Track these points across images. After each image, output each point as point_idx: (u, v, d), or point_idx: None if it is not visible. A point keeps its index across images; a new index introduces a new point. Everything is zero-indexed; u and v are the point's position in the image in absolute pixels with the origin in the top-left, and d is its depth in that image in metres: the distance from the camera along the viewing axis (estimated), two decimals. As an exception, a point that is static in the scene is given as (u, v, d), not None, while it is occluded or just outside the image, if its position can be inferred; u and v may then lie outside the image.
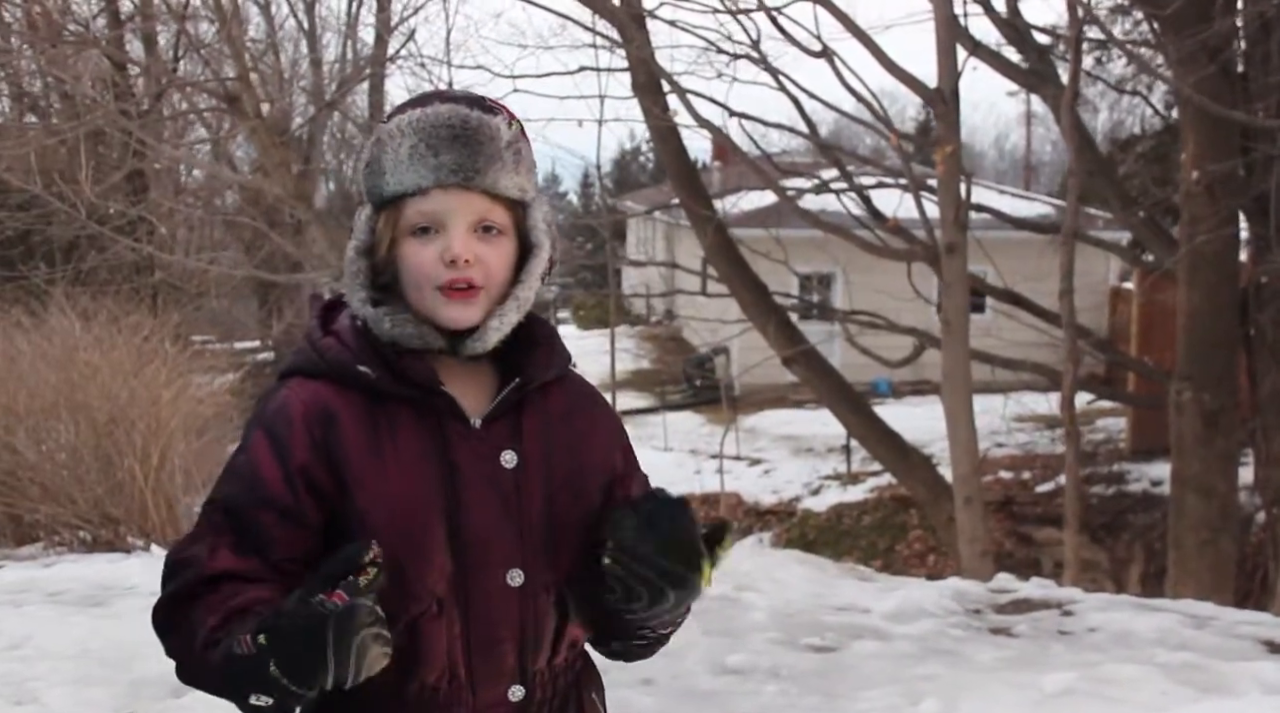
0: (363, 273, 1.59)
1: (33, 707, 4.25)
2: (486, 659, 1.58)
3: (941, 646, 5.32)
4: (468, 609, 1.56)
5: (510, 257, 1.59)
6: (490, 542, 1.56)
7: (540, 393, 1.64)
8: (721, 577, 5.66)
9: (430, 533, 1.54)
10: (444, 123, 1.55)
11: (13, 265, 13.41)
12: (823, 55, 8.53)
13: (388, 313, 1.56)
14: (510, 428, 1.61)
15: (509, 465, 1.59)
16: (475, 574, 1.56)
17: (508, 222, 1.59)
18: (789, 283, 13.72)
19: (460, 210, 1.54)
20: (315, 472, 1.53)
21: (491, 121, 1.58)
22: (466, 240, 1.54)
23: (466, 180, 1.54)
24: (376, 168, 1.57)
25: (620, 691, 4.61)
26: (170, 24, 12.52)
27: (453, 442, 1.57)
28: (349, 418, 1.55)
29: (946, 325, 8.57)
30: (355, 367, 1.56)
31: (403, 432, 1.56)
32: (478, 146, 1.55)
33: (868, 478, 15.21)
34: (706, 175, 23.01)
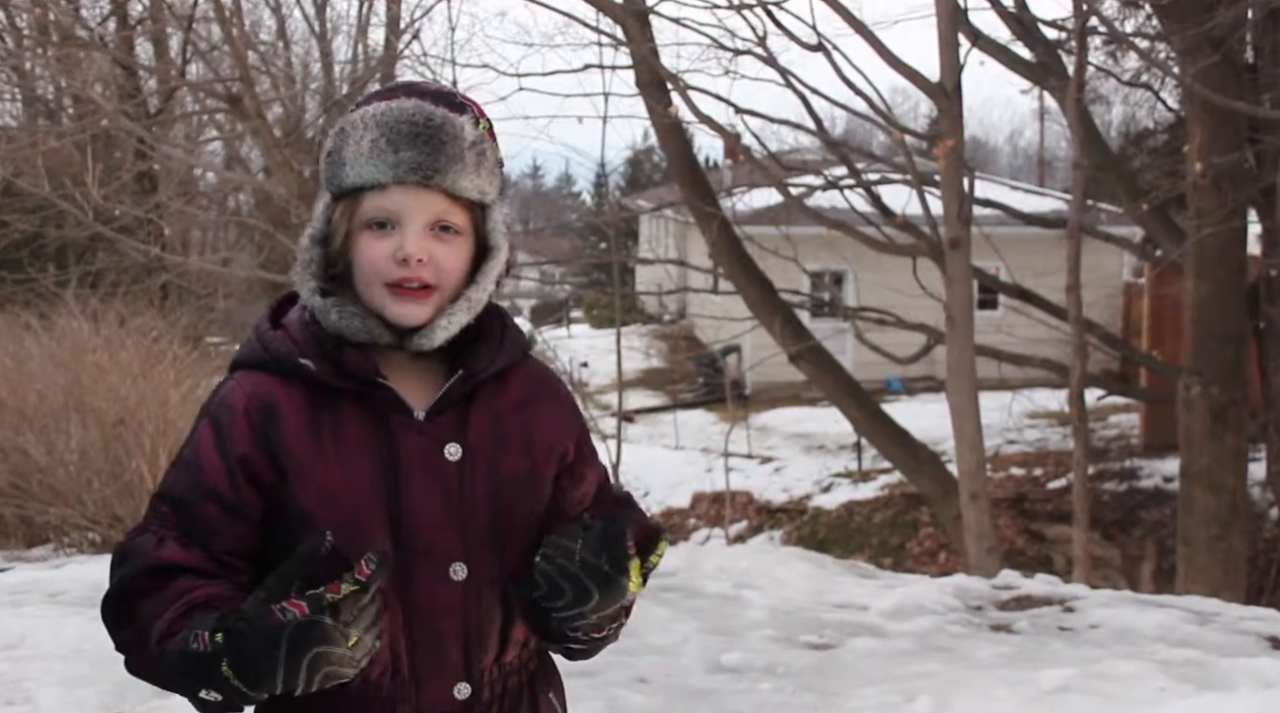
0: (315, 262, 1.58)
1: (24, 707, 4.26)
2: (429, 655, 1.56)
3: (939, 643, 5.29)
4: (410, 604, 1.55)
5: (466, 257, 1.58)
6: (432, 535, 1.55)
7: (493, 384, 1.63)
8: (717, 573, 5.63)
9: (369, 525, 1.52)
10: (407, 118, 1.54)
11: (21, 268, 13.48)
12: (819, 49, 8.49)
13: (335, 305, 1.55)
14: (456, 420, 1.59)
15: (453, 458, 1.57)
16: (417, 568, 1.54)
17: (465, 222, 1.57)
18: (801, 280, 13.68)
19: (417, 208, 1.53)
20: (255, 463, 1.53)
21: (456, 120, 1.56)
22: (421, 239, 1.53)
23: (425, 179, 1.52)
24: (337, 158, 1.56)
25: (613, 689, 4.61)
26: (179, 27, 12.56)
27: (395, 434, 1.55)
28: (290, 409, 1.54)
29: (951, 321, 8.52)
30: (297, 359, 1.55)
31: (345, 424, 1.54)
32: (440, 146, 1.53)
33: (879, 475, 15.15)
34: (718, 174, 23.00)
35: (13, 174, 11.97)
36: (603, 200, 29.04)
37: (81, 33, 13.06)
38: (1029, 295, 11.20)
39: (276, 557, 1.52)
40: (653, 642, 5.22)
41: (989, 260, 12.23)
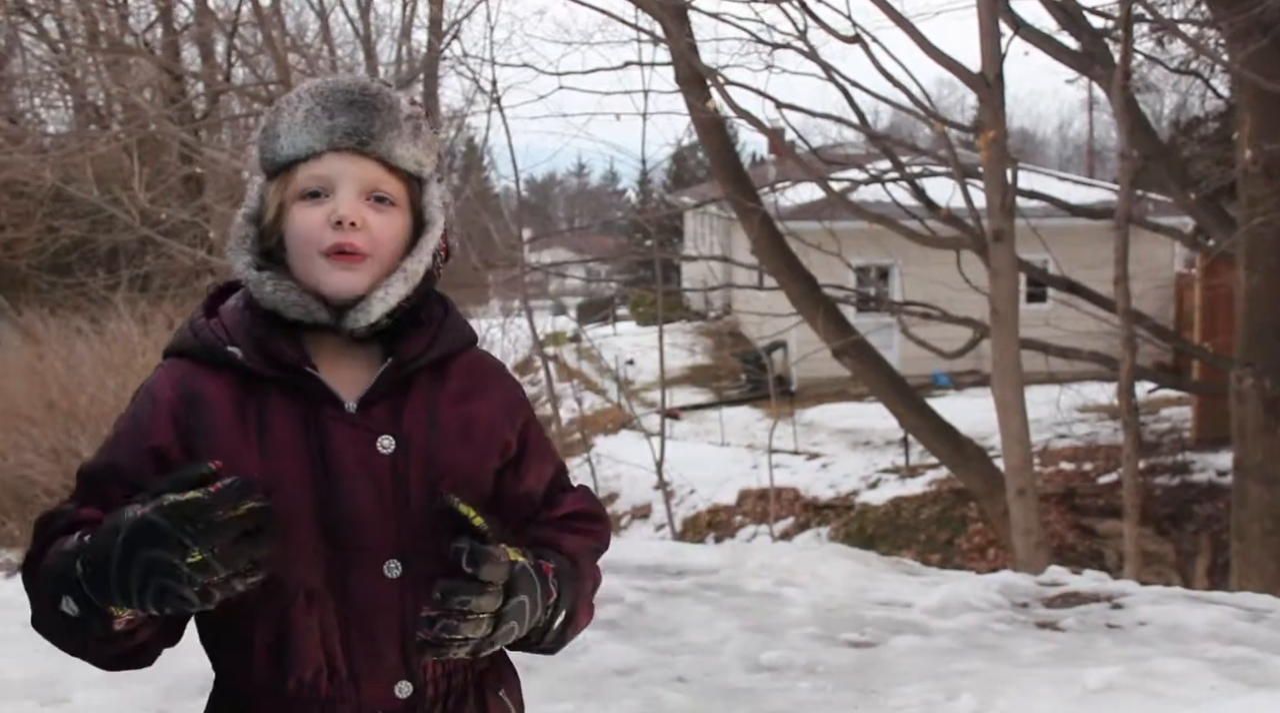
0: (249, 239, 1.54)
1: (63, 707, 4.30)
2: (367, 654, 1.51)
3: (983, 640, 5.22)
4: (344, 602, 1.50)
5: (401, 230, 1.54)
6: (365, 531, 1.49)
7: (431, 374, 1.58)
8: (760, 570, 5.57)
9: (297, 520, 1.47)
10: (343, 88, 1.52)
11: (71, 272, 13.67)
12: (856, 41, 8.40)
13: (270, 277, 1.50)
14: (390, 412, 1.53)
15: (386, 451, 1.51)
16: (350, 565, 1.49)
17: (401, 194, 1.54)
18: (846, 275, 13.59)
19: (352, 174, 1.50)
20: (171, 452, 1.48)
21: (391, 93, 1.55)
22: (355, 204, 1.49)
23: (361, 145, 1.50)
24: (271, 133, 1.53)
25: (652, 688, 4.58)
26: (222, 32, 12.69)
27: (326, 426, 1.50)
28: (216, 400, 1.50)
29: (996, 314, 8.41)
30: (225, 347, 1.51)
31: (273, 415, 1.50)
32: (374, 112, 1.51)
33: (926, 471, 15.02)
34: (763, 169, 22.91)
35: (63, 180, 12.15)
36: (647, 197, 29.00)
37: (129, 39, 13.24)
38: (1077, 288, 11.04)
39: None
40: (692, 640, 5.19)
41: (1036, 253, 12.09)
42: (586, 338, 21.29)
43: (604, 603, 5.65)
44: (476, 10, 14.91)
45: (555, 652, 1.64)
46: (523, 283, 12.55)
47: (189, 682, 4.45)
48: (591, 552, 1.69)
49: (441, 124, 18.48)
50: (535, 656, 1.69)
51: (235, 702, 1.54)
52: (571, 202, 58.49)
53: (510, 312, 19.60)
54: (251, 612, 1.48)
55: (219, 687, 1.57)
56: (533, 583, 1.46)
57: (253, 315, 1.53)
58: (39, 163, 10.79)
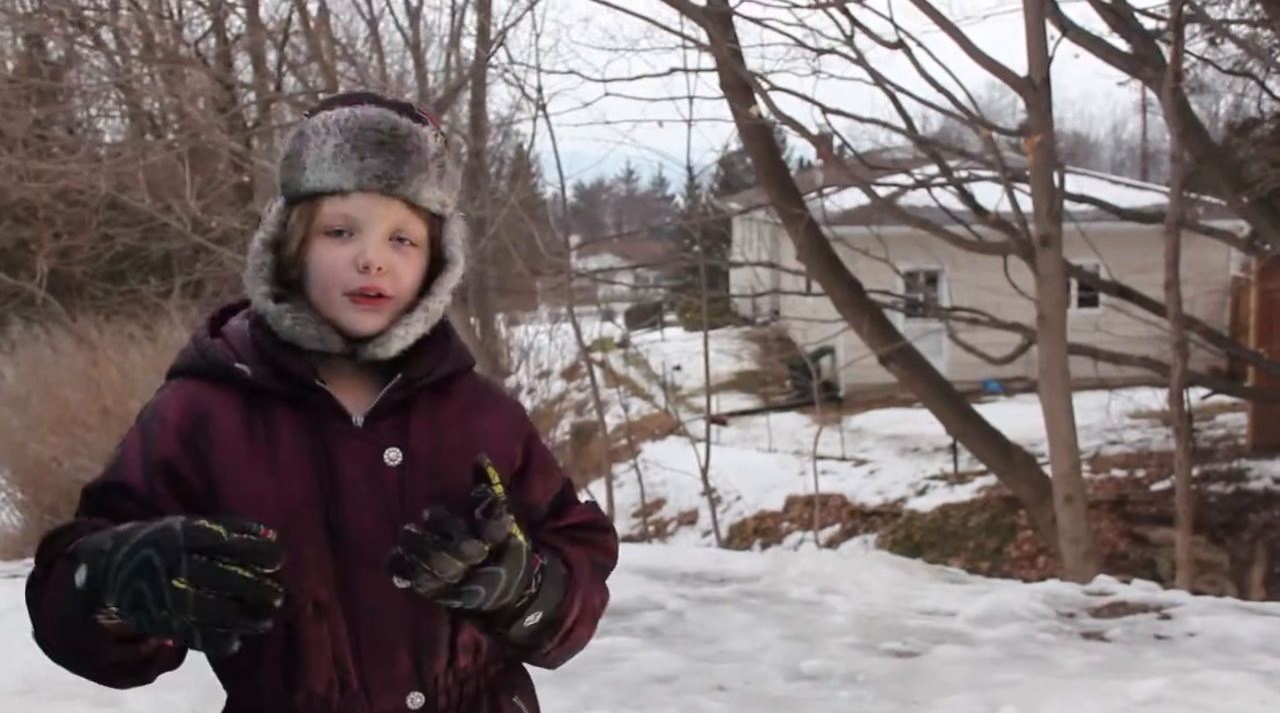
0: (267, 267, 1.54)
1: (114, 710, 4.37)
2: (378, 666, 1.52)
3: (1027, 651, 5.17)
4: (353, 614, 1.50)
5: (420, 269, 1.56)
6: (373, 543, 1.49)
7: (434, 395, 1.60)
8: (802, 578, 5.54)
9: (305, 533, 1.48)
10: (373, 126, 1.52)
11: (125, 279, 13.88)
12: (899, 46, 8.35)
13: (290, 311, 1.52)
14: (397, 427, 1.55)
15: (393, 464, 1.53)
16: (359, 577, 1.50)
17: (423, 235, 1.56)
18: (894, 281, 13.50)
19: (379, 217, 1.51)
20: (182, 469, 1.48)
21: (420, 131, 1.55)
22: (381, 248, 1.51)
23: (389, 188, 1.51)
24: (296, 162, 1.53)
25: (691, 696, 4.58)
26: (274, 44, 12.84)
27: (332, 440, 1.52)
28: (224, 416, 1.51)
29: (1043, 320, 8.32)
30: (232, 365, 1.52)
31: (281, 430, 1.51)
32: (404, 155, 1.52)
33: (975, 478, 14.87)
34: (810, 174, 22.82)
35: (117, 189, 12.35)
36: (695, 203, 29.00)
37: (183, 50, 13.44)
38: (1128, 292, 10.90)
39: None
40: (733, 648, 5.18)
41: (1088, 257, 11.94)
42: (633, 344, 21.29)
43: (645, 610, 5.69)
44: (523, 18, 14.97)
45: (550, 663, 1.61)
46: (569, 289, 12.58)
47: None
48: (597, 567, 1.67)
49: (490, 131, 18.58)
50: (573, 663, 1.69)
51: (249, 709, 1.55)
52: (620, 207, 58.58)
53: (558, 318, 19.66)
54: None
55: (230, 704, 1.58)
56: (518, 566, 1.42)
57: (264, 335, 1.54)
58: (94, 172, 10.97)
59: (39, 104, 12.36)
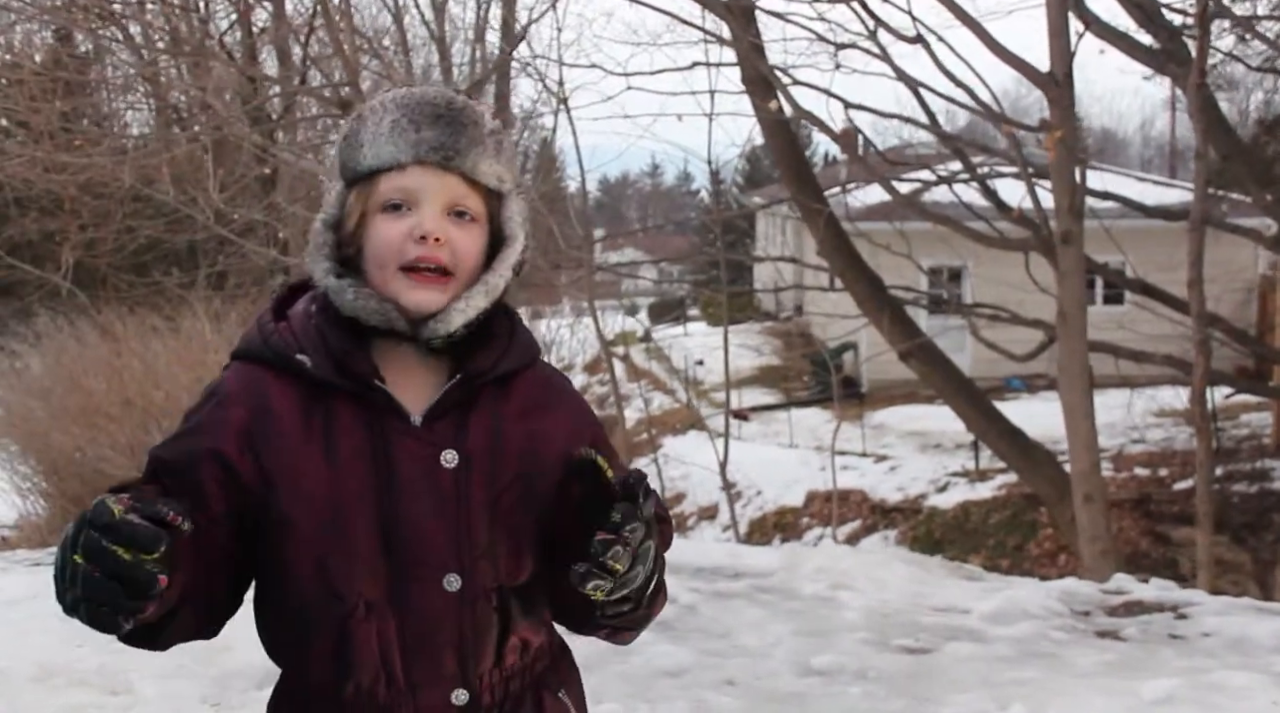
0: (328, 246, 1.55)
1: (126, 697, 4.40)
2: (424, 664, 1.52)
3: (1040, 649, 5.14)
4: (403, 614, 1.51)
5: (481, 245, 1.55)
6: (425, 545, 1.50)
7: (497, 390, 1.57)
8: (816, 574, 5.53)
9: (358, 532, 1.48)
10: (429, 101, 1.53)
11: (148, 271, 13.96)
12: (918, 41, 8.31)
13: (352, 286, 1.51)
14: (455, 426, 1.53)
15: (449, 465, 1.52)
16: (409, 578, 1.50)
17: (482, 209, 1.54)
18: (917, 277, 13.44)
19: (436, 189, 1.50)
20: (234, 461, 1.49)
21: (477, 108, 1.55)
22: (439, 219, 1.50)
23: (446, 160, 1.50)
24: (354, 141, 1.54)
25: (700, 690, 4.57)
26: (296, 39, 12.88)
27: (390, 439, 1.50)
28: (283, 407, 1.51)
29: (1063, 317, 8.27)
30: (294, 355, 1.51)
31: (339, 425, 1.50)
32: (460, 128, 1.51)
33: (996, 475, 14.82)
34: (835, 169, 22.76)
35: (143, 181, 12.42)
36: (720, 198, 28.96)
37: (209, 43, 13.50)
38: (1151, 290, 10.82)
39: (265, 569, 1.52)
40: (744, 643, 5.17)
41: (1114, 255, 11.87)
42: (655, 338, 21.27)
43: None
44: (547, 13, 14.97)
45: (628, 638, 1.62)
46: (590, 283, 12.59)
47: (246, 673, 4.55)
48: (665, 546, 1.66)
49: (513, 125, 18.60)
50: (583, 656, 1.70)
51: (295, 702, 1.57)
52: (645, 202, 58.55)
53: (581, 312, 19.68)
54: (310, 620, 1.51)
55: (280, 686, 1.60)
56: (655, 535, 1.44)
57: (326, 322, 1.53)
58: (118, 164, 11.05)
59: (65, 97, 12.45)
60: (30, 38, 15.57)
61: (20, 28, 15.12)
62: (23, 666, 4.70)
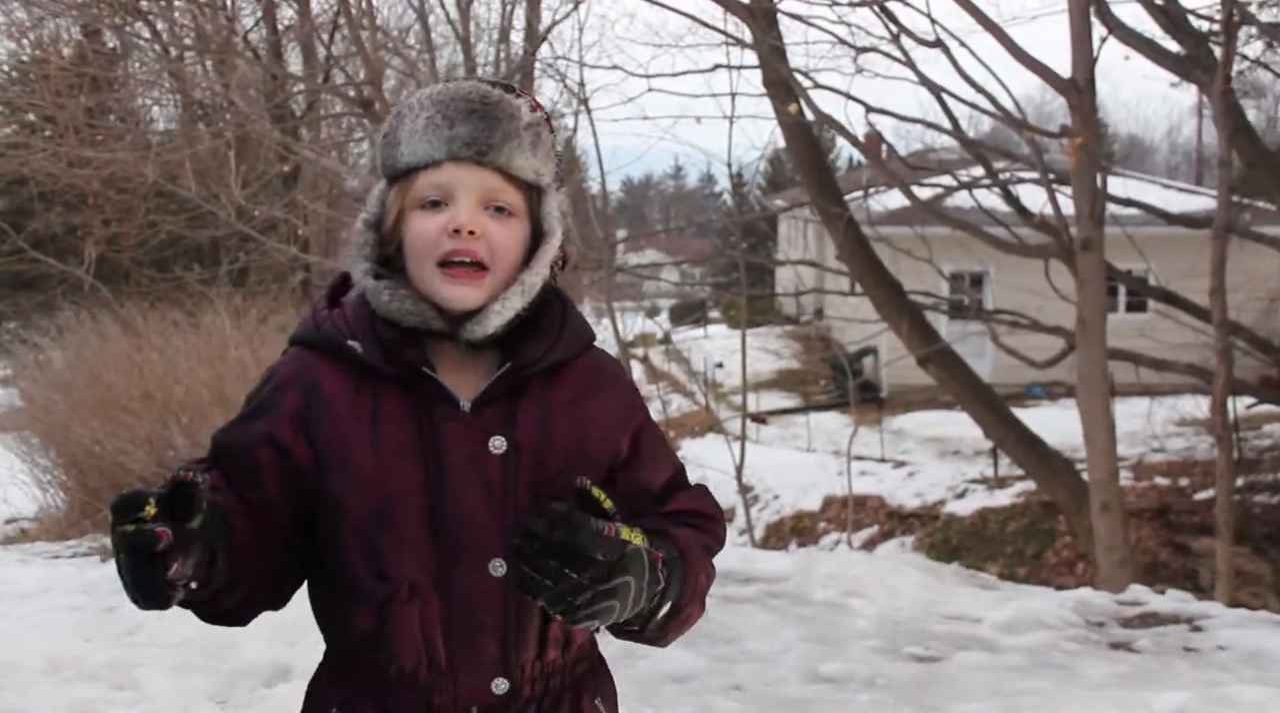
0: (369, 245, 1.56)
1: (133, 693, 4.41)
2: (466, 648, 1.54)
3: (1052, 659, 5.11)
4: (448, 597, 1.52)
5: (520, 240, 1.54)
6: (472, 530, 1.52)
7: (546, 379, 1.58)
8: (828, 580, 5.51)
9: (407, 516, 1.50)
10: (463, 96, 1.53)
11: (169, 267, 14.03)
12: (938, 45, 8.27)
13: (387, 287, 1.52)
14: (503, 414, 1.55)
15: (497, 452, 1.53)
16: (456, 562, 1.52)
17: (520, 204, 1.54)
18: (938, 282, 13.38)
19: (471, 184, 1.51)
20: (288, 445, 1.52)
21: (513, 101, 1.54)
22: (474, 213, 1.50)
23: (480, 155, 1.50)
24: (392, 139, 1.55)
25: (707, 696, 4.56)
26: (319, 37, 12.93)
27: (439, 425, 1.52)
28: (334, 392, 1.53)
29: (1082, 324, 8.22)
30: (345, 341, 1.53)
31: (388, 411, 1.52)
32: (494, 122, 1.51)
33: (1015, 482, 14.72)
34: (858, 173, 22.69)
35: (167, 177, 12.48)
36: (743, 200, 28.92)
37: (235, 40, 13.56)
38: (1174, 298, 10.74)
39: (318, 549, 1.55)
40: (753, 649, 5.16)
41: (1135, 262, 11.78)
42: (675, 340, 21.23)
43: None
44: (570, 15, 14.99)
45: (663, 644, 1.61)
46: (609, 284, 12.58)
47: (254, 671, 4.56)
48: (704, 548, 1.65)
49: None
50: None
51: (339, 677, 1.59)
52: (667, 204, 58.55)
53: (601, 313, 19.67)
54: (356, 600, 1.54)
55: (327, 660, 1.63)
56: (642, 570, 1.43)
57: (374, 314, 1.55)
58: (140, 159, 11.11)
59: (91, 92, 12.52)
60: (59, 33, 15.67)
61: (50, 23, 15.23)
62: (33, 659, 4.72)
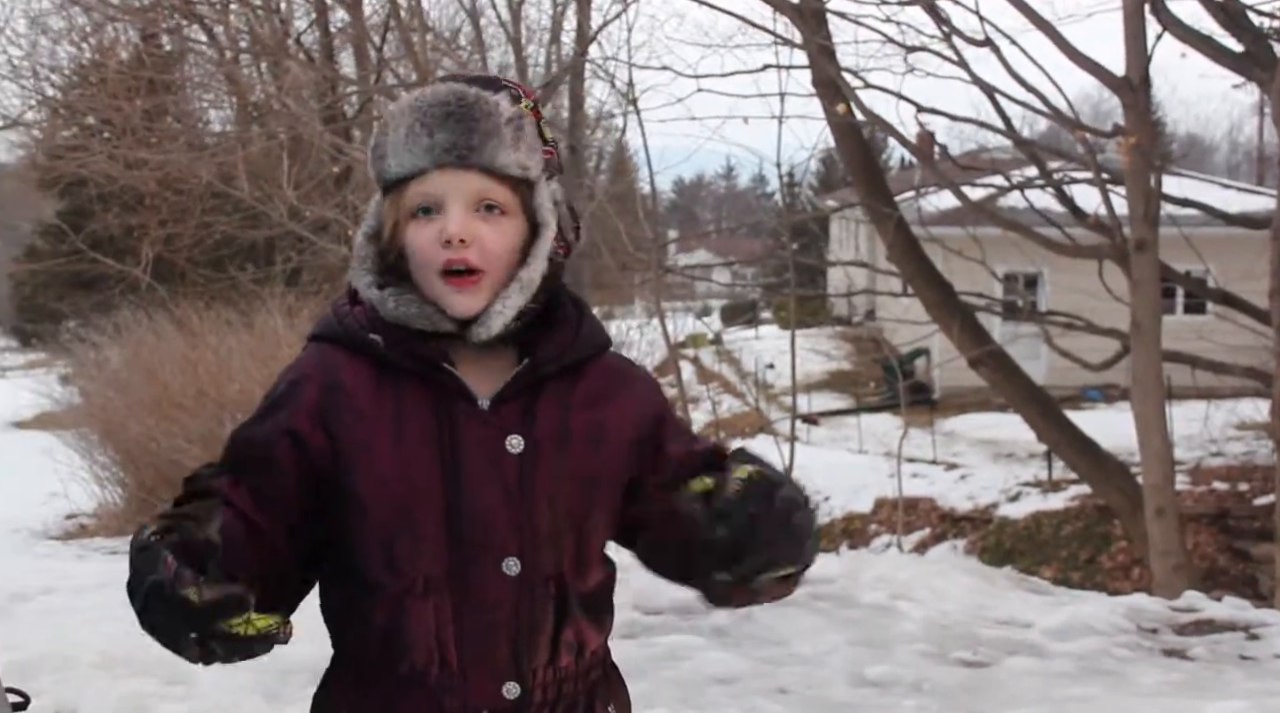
0: (370, 258, 1.57)
1: (185, 688, 4.47)
2: (477, 649, 1.53)
3: (1103, 666, 5.04)
4: (461, 596, 1.52)
5: (515, 236, 1.54)
6: (487, 528, 1.52)
7: (566, 377, 1.58)
8: (876, 583, 5.48)
9: (423, 511, 1.51)
10: (440, 101, 1.52)
11: (224, 266, 14.20)
12: (987, 44, 8.18)
13: (392, 294, 1.53)
14: (522, 411, 1.55)
15: (514, 450, 1.53)
16: (469, 559, 1.52)
17: (510, 200, 1.53)
18: (991, 283, 13.25)
19: (458, 189, 1.50)
20: (307, 438, 1.52)
21: (490, 98, 1.53)
22: (464, 220, 1.50)
23: (461, 159, 1.50)
24: (380, 151, 1.56)
25: (752, 698, 4.55)
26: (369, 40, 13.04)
27: (458, 421, 1.52)
28: (355, 386, 1.54)
29: (1136, 326, 8.09)
30: (367, 334, 1.54)
31: (408, 406, 1.53)
32: (473, 123, 1.51)
33: (1069, 486, 14.52)
34: (911, 173, 22.52)
35: (222, 178, 12.65)
36: (794, 200, 28.79)
37: (288, 42, 13.71)
38: (1232, 300, 10.56)
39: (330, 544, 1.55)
40: (798, 651, 5.13)
41: (1193, 263, 11.59)
42: (725, 341, 21.16)
43: (712, 611, 5.65)
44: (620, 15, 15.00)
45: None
46: (658, 285, 12.56)
47: (303, 668, 4.60)
48: None
49: (586, 126, 18.64)
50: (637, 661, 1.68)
51: (350, 677, 1.59)
52: (719, 204, 58.45)
53: (652, 313, 19.68)
54: (369, 595, 1.54)
55: (336, 661, 1.62)
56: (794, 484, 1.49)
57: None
58: (195, 161, 11.26)
59: (148, 95, 12.71)
60: (117, 37, 15.93)
61: (109, 28, 15.49)
62: (88, 653, 4.80)
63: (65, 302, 19.27)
